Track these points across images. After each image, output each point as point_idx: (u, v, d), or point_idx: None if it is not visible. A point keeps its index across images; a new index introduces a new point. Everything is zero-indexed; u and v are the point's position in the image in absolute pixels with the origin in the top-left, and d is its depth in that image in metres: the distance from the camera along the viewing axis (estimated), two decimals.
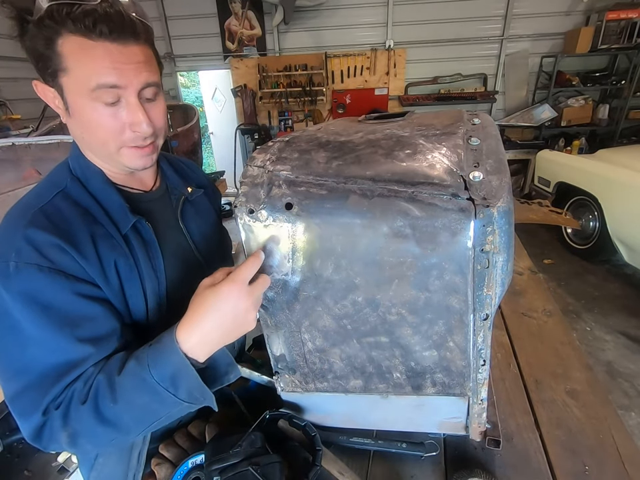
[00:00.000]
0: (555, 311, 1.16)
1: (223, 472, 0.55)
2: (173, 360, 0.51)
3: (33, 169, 2.27)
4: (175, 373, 0.51)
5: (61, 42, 0.52)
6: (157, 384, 0.51)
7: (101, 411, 0.52)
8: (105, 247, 0.60)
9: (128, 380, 0.52)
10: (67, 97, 0.56)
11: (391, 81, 5.05)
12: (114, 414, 0.52)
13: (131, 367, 0.53)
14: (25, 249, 0.54)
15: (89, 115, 0.56)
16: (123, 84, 0.55)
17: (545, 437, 0.74)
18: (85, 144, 0.64)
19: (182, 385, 0.52)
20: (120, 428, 0.53)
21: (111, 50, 0.53)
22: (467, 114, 0.69)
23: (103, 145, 0.60)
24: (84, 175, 0.64)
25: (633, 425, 1.90)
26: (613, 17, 4.19)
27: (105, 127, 0.58)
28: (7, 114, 4.08)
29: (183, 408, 0.54)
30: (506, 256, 0.50)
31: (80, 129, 0.60)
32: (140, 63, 0.56)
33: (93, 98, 0.55)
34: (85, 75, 0.53)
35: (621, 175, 2.88)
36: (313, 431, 0.65)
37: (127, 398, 0.52)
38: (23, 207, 0.59)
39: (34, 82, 0.59)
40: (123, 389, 0.52)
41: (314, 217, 0.52)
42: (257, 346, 1.03)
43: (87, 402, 0.52)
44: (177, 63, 5.40)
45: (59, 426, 0.53)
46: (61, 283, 0.54)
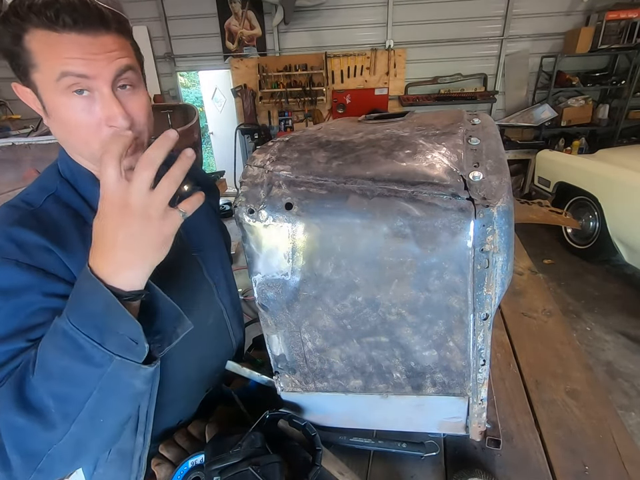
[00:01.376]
0: (555, 311, 1.16)
1: (222, 472, 0.55)
2: (88, 289, 0.43)
3: (32, 169, 2.27)
4: (92, 306, 0.43)
5: (27, 38, 0.50)
6: (77, 330, 0.43)
7: (23, 393, 0.44)
8: None
9: (47, 340, 0.45)
10: (42, 95, 0.54)
11: (391, 81, 5.05)
12: (35, 393, 0.44)
13: (52, 325, 0.46)
14: (4, 245, 0.52)
15: (64, 112, 0.53)
16: (93, 74, 0.51)
17: (545, 437, 0.74)
18: (69, 146, 0.62)
19: (105, 326, 0.43)
20: (42, 414, 0.44)
21: (78, 41, 0.50)
22: (467, 114, 0.69)
23: (85, 145, 0.57)
24: (73, 177, 0.63)
25: (633, 425, 1.90)
26: (613, 17, 4.19)
27: (82, 125, 0.54)
28: (6, 114, 4.08)
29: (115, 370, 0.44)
30: (506, 256, 0.50)
31: (60, 129, 0.57)
32: (112, 52, 0.53)
33: (63, 90, 0.51)
34: (52, 66, 0.50)
35: (621, 175, 2.88)
36: (313, 431, 0.65)
37: (45, 361, 0.44)
38: (11, 210, 0.58)
39: (13, 84, 0.57)
40: (41, 353, 0.45)
41: (314, 217, 0.52)
42: (256, 346, 1.03)
43: (8, 381, 0.45)
44: (176, 63, 5.40)
45: None
46: (37, 281, 0.52)
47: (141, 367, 0.46)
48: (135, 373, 0.47)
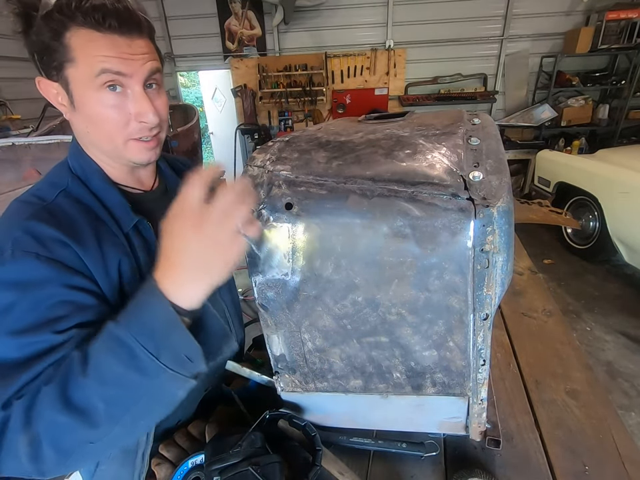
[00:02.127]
0: (555, 311, 1.15)
1: (222, 472, 0.55)
2: (153, 305, 0.44)
3: (32, 169, 2.27)
4: (154, 323, 0.44)
5: (69, 35, 0.53)
6: (134, 340, 0.44)
7: (67, 391, 0.44)
8: (108, 245, 0.60)
9: (102, 344, 0.46)
10: (73, 89, 0.57)
11: (391, 81, 5.05)
12: (82, 394, 0.45)
13: (107, 328, 0.46)
14: (23, 238, 0.53)
15: (94, 106, 0.57)
16: (129, 72, 0.56)
17: (545, 437, 0.74)
18: (89, 140, 0.63)
19: (163, 342, 0.45)
20: (88, 414, 0.45)
21: (118, 42, 0.55)
22: (467, 114, 0.69)
23: (109, 139, 0.60)
24: (84, 174, 0.64)
25: (633, 425, 1.90)
26: (613, 17, 4.19)
27: (110, 119, 0.58)
28: (6, 114, 4.08)
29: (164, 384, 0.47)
30: (506, 256, 0.50)
31: (85, 122, 0.60)
32: (145, 54, 0.58)
33: (98, 86, 0.55)
34: (91, 63, 0.54)
35: (621, 175, 2.88)
36: (313, 430, 0.65)
37: (99, 367, 0.45)
38: (24, 205, 0.59)
39: (37, 78, 0.59)
40: (95, 356, 0.45)
41: (314, 217, 0.52)
42: (256, 346, 1.03)
43: (53, 382, 0.46)
44: (176, 63, 5.40)
45: (18, 426, 0.45)
46: (57, 273, 0.53)
47: (189, 380, 0.48)
48: (182, 385, 0.49)
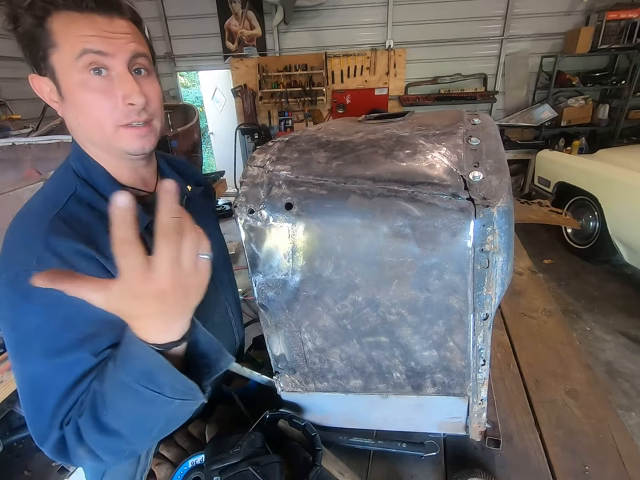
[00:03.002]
0: (555, 311, 1.16)
1: (222, 472, 0.55)
2: (139, 353, 0.45)
3: (33, 169, 2.27)
4: (146, 368, 0.45)
5: (50, 20, 0.53)
6: (136, 383, 0.45)
7: (100, 420, 0.48)
8: None
9: (108, 385, 0.48)
10: (59, 77, 0.55)
11: (391, 81, 5.05)
12: (111, 421, 0.48)
13: (109, 370, 0.48)
14: (46, 256, 0.52)
15: (80, 92, 0.55)
16: (111, 51, 0.55)
17: (545, 437, 0.74)
18: (81, 132, 0.61)
19: (161, 381, 0.46)
20: (122, 436, 0.50)
21: (97, 21, 0.54)
22: (467, 114, 0.69)
23: (98, 127, 0.58)
24: (90, 177, 0.63)
25: (633, 425, 1.90)
26: (613, 17, 4.19)
27: (97, 105, 0.56)
28: (6, 114, 4.08)
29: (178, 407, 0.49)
30: (506, 256, 0.50)
31: (75, 112, 0.58)
32: (127, 34, 0.56)
33: (81, 69, 0.54)
34: (72, 44, 0.53)
35: (621, 175, 2.88)
36: (313, 431, 0.65)
37: (114, 404, 0.48)
38: (37, 215, 0.57)
39: (30, 76, 0.58)
40: (108, 394, 0.48)
41: (314, 217, 0.52)
42: (256, 346, 1.03)
43: (84, 413, 0.50)
44: (176, 63, 5.40)
45: (75, 442, 0.50)
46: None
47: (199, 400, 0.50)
48: (194, 405, 0.51)
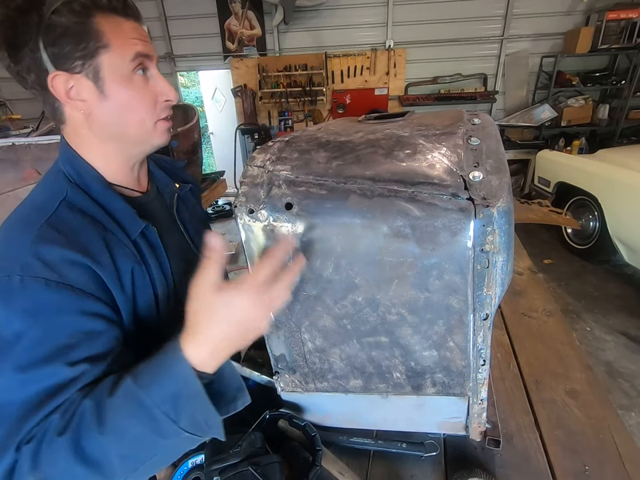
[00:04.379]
0: (555, 311, 1.15)
1: (222, 472, 0.55)
2: (178, 374, 0.44)
3: (32, 169, 2.27)
4: (178, 392, 0.44)
5: (96, 20, 0.54)
6: (156, 407, 0.43)
7: (82, 446, 0.43)
8: (120, 255, 0.58)
9: (121, 402, 0.45)
10: (106, 75, 0.56)
11: (391, 81, 5.05)
12: (99, 449, 0.44)
13: (126, 386, 0.45)
14: (32, 263, 0.50)
15: (127, 90, 0.58)
16: (150, 54, 0.60)
17: (545, 437, 0.74)
18: (116, 130, 0.61)
19: (185, 408, 0.45)
20: (102, 469, 0.44)
21: (135, 27, 0.59)
22: (467, 114, 0.69)
23: (140, 123, 0.61)
24: (82, 180, 0.61)
25: (633, 425, 1.90)
26: (613, 17, 4.18)
27: (144, 101, 0.60)
28: (6, 114, 4.08)
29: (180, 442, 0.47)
30: (506, 256, 0.50)
31: (117, 110, 0.59)
32: (149, 39, 0.62)
33: (131, 70, 0.58)
34: (124, 47, 0.56)
35: (621, 175, 2.88)
36: (313, 431, 0.65)
37: (118, 426, 0.44)
38: (26, 222, 0.55)
39: (54, 73, 0.53)
40: (112, 414, 0.44)
41: (314, 217, 0.52)
42: (256, 346, 1.03)
43: (66, 433, 0.44)
44: (176, 63, 5.39)
45: (26, 469, 0.43)
46: (68, 300, 0.50)
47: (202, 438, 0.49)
48: (196, 442, 0.49)
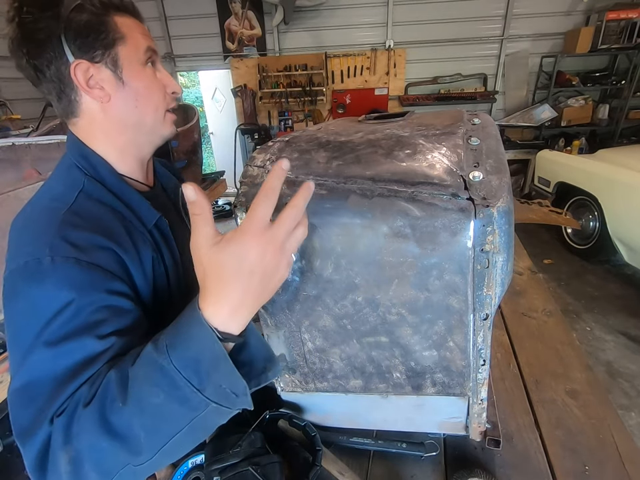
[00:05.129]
0: (555, 311, 1.16)
1: (222, 472, 0.55)
2: (197, 335, 0.41)
3: (33, 169, 2.27)
4: (199, 355, 0.41)
5: (112, 17, 0.60)
6: (177, 372, 0.41)
7: (107, 416, 0.42)
8: (140, 242, 0.61)
9: (141, 370, 0.43)
10: (123, 64, 0.61)
11: (391, 81, 5.05)
12: (122, 420, 0.42)
13: (147, 352, 0.43)
14: (60, 244, 0.51)
15: (144, 79, 0.63)
16: (156, 50, 0.66)
17: (545, 437, 0.74)
18: (133, 118, 0.65)
19: (208, 375, 0.41)
20: (128, 443, 0.43)
21: (142, 26, 0.65)
22: (467, 114, 0.69)
23: (154, 110, 0.66)
24: (97, 173, 0.63)
25: (633, 425, 1.90)
26: (613, 17, 4.18)
27: (156, 90, 0.65)
28: (6, 114, 4.08)
29: (208, 415, 0.44)
30: (506, 256, 0.50)
31: (135, 97, 0.63)
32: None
33: (144, 61, 0.63)
34: (138, 41, 0.62)
35: (621, 174, 2.88)
36: (313, 431, 0.65)
37: (139, 395, 0.42)
38: (48, 210, 0.56)
39: (76, 62, 0.56)
40: (135, 384, 0.43)
41: (314, 217, 0.52)
42: None
43: (92, 404, 0.43)
44: (177, 63, 5.39)
45: (59, 443, 0.43)
46: (98, 278, 0.52)
47: (233, 411, 0.45)
48: (225, 416, 0.46)
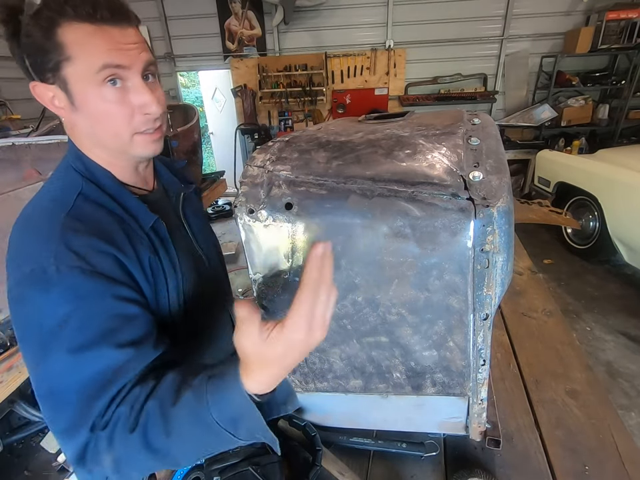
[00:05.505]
0: (555, 311, 1.16)
1: (222, 472, 0.55)
2: (237, 401, 0.46)
3: (33, 169, 2.27)
4: (237, 415, 0.46)
5: (60, 31, 0.51)
6: (217, 424, 0.46)
7: (150, 441, 0.48)
8: (139, 245, 0.60)
9: (184, 414, 0.48)
10: (73, 88, 0.54)
11: (391, 81, 5.05)
12: (164, 446, 0.49)
13: (188, 400, 0.48)
14: (64, 253, 0.51)
15: (97, 103, 0.55)
16: (128, 64, 0.55)
17: (545, 437, 0.74)
18: (94, 140, 0.61)
19: (243, 426, 0.47)
20: (168, 459, 0.50)
21: (112, 33, 0.53)
22: (467, 114, 0.69)
23: (115, 135, 0.58)
24: (94, 177, 0.62)
25: (633, 425, 1.90)
26: (613, 17, 4.18)
27: (115, 114, 0.57)
28: (7, 114, 4.08)
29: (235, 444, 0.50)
30: (506, 256, 0.50)
31: (89, 121, 0.58)
32: (139, 43, 0.57)
33: (99, 82, 0.54)
34: (90, 58, 0.53)
35: (621, 174, 2.88)
36: (313, 431, 0.66)
37: (181, 432, 0.48)
38: (48, 214, 0.56)
39: (32, 84, 0.56)
40: (177, 422, 0.48)
41: (314, 217, 0.52)
42: None
43: (136, 430, 0.48)
44: (177, 63, 5.39)
45: (104, 447, 0.49)
46: (103, 286, 0.53)
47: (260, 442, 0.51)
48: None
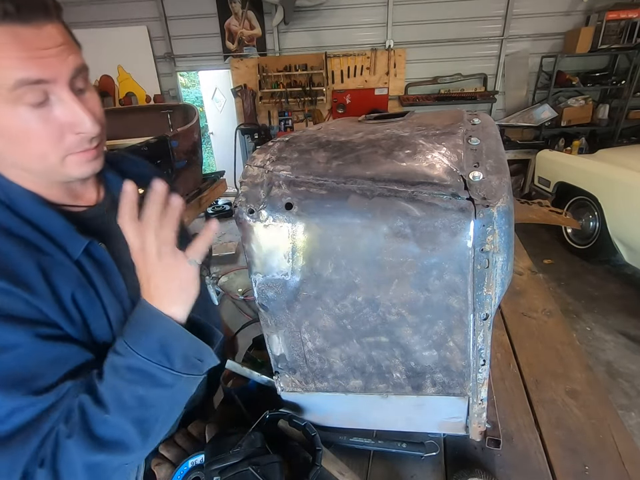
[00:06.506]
0: (555, 311, 1.15)
1: (222, 472, 0.55)
2: (159, 323, 0.46)
3: None
4: (163, 338, 0.46)
5: None
6: (147, 361, 0.45)
7: (95, 434, 0.44)
8: (58, 279, 0.51)
9: (112, 378, 0.46)
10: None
11: (391, 81, 5.05)
12: (112, 427, 0.45)
13: (111, 362, 0.46)
14: None
15: (11, 124, 0.44)
16: (50, 76, 0.44)
17: (545, 437, 0.74)
18: (10, 161, 0.50)
19: (174, 351, 0.46)
20: (122, 444, 0.46)
21: (23, 34, 0.41)
22: (467, 114, 0.69)
23: (40, 158, 0.48)
24: (9, 199, 0.51)
25: (633, 425, 1.90)
26: (613, 17, 4.18)
27: (38, 137, 0.46)
28: None
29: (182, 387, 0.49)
30: (506, 256, 0.50)
31: (6, 144, 0.47)
32: (62, 45, 0.45)
33: (14, 100, 0.43)
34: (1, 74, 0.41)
35: (621, 175, 2.88)
36: (313, 431, 0.65)
37: (119, 398, 0.45)
38: None
39: None
40: (110, 392, 0.45)
41: (314, 217, 0.52)
42: (257, 346, 1.03)
43: (75, 432, 0.44)
44: (176, 63, 5.39)
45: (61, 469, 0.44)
46: (13, 329, 0.45)
47: (201, 377, 0.52)
48: (196, 383, 0.52)
